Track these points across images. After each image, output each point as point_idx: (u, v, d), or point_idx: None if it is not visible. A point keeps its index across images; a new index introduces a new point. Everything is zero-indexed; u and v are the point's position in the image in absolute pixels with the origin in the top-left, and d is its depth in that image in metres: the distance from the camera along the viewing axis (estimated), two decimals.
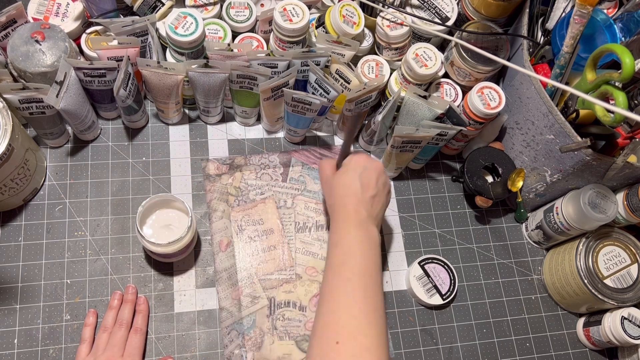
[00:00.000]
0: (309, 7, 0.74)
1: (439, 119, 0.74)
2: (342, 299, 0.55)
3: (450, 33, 0.78)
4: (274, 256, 0.74)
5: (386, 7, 0.74)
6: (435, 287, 0.75)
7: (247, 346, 0.68)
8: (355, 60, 0.78)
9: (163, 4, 0.75)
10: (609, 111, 0.61)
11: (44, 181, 0.74)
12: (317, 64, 0.73)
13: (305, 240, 0.76)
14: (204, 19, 0.74)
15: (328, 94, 0.71)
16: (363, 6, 0.77)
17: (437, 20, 0.77)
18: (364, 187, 0.62)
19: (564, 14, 0.74)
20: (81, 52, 0.75)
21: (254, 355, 0.68)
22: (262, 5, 0.79)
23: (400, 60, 0.79)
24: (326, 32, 0.75)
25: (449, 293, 0.75)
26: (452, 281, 0.76)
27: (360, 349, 0.51)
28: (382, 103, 0.79)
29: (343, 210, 0.61)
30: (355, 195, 0.61)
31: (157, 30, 0.74)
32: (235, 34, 0.77)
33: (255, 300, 0.71)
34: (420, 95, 0.73)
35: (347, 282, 0.55)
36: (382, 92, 0.81)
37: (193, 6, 0.75)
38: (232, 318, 0.70)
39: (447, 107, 0.73)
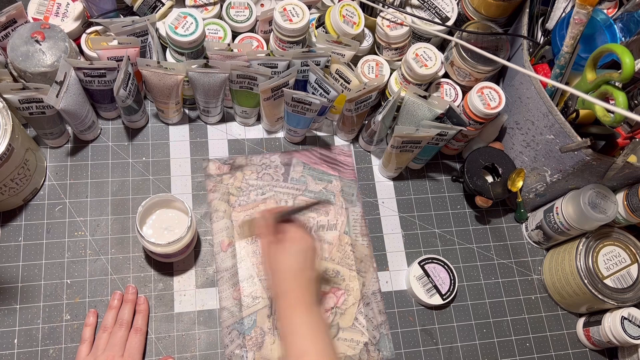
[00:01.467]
0: (309, 7, 0.74)
1: (439, 119, 0.74)
2: None
3: (450, 33, 0.78)
4: None
5: (386, 7, 0.74)
6: (435, 287, 0.75)
7: (248, 346, 0.68)
8: (355, 60, 0.78)
9: (163, 4, 0.75)
10: (609, 111, 0.61)
11: (44, 181, 0.74)
12: (317, 64, 0.73)
13: None
14: (204, 19, 0.74)
15: (328, 94, 0.71)
16: (363, 6, 0.77)
17: (437, 20, 0.77)
18: (302, 269, 0.59)
19: (564, 14, 0.74)
20: (81, 52, 0.75)
21: (254, 355, 0.68)
22: (262, 5, 0.79)
23: (400, 60, 0.79)
24: (326, 32, 0.75)
25: (449, 293, 0.75)
26: (452, 281, 0.76)
27: None
28: (382, 103, 0.79)
29: (288, 297, 0.58)
30: (294, 279, 0.59)
31: (157, 30, 0.74)
32: (235, 34, 0.77)
33: (256, 300, 0.71)
34: (420, 95, 0.73)
35: None
36: (382, 92, 0.81)
37: (193, 6, 0.75)
38: (233, 318, 0.70)
39: (447, 107, 0.73)
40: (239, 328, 0.69)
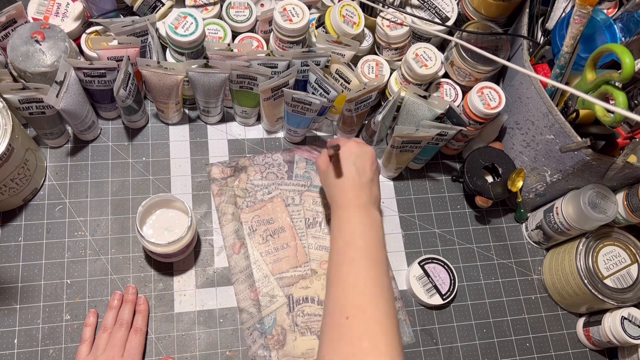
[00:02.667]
0: (309, 7, 0.74)
1: (439, 119, 0.74)
2: (349, 277, 0.56)
3: (450, 33, 0.78)
4: (287, 254, 0.74)
5: (386, 7, 0.74)
6: (435, 287, 0.75)
7: (271, 345, 0.69)
8: (355, 60, 0.78)
9: (163, 4, 0.75)
10: (609, 111, 0.61)
11: (44, 181, 0.74)
12: (317, 64, 0.73)
13: (316, 235, 0.76)
14: (204, 19, 0.74)
15: (328, 94, 0.71)
16: (363, 6, 0.77)
17: (437, 20, 0.77)
18: (360, 173, 0.64)
19: (564, 14, 0.74)
20: (81, 52, 0.75)
21: (277, 354, 0.68)
22: (262, 5, 0.79)
23: (400, 60, 0.79)
24: (326, 32, 0.75)
25: (449, 293, 0.75)
26: (452, 281, 0.76)
27: (370, 322, 0.52)
28: (382, 103, 0.79)
29: (342, 197, 0.63)
30: (352, 181, 0.63)
31: (157, 30, 0.74)
32: (235, 34, 0.77)
33: (273, 299, 0.71)
34: (420, 95, 0.73)
35: (352, 262, 0.57)
36: (382, 92, 0.81)
37: (193, 6, 0.75)
38: (252, 319, 0.70)
39: (447, 107, 0.73)
40: (259, 328, 0.70)
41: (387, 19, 0.75)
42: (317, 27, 0.77)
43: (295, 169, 0.80)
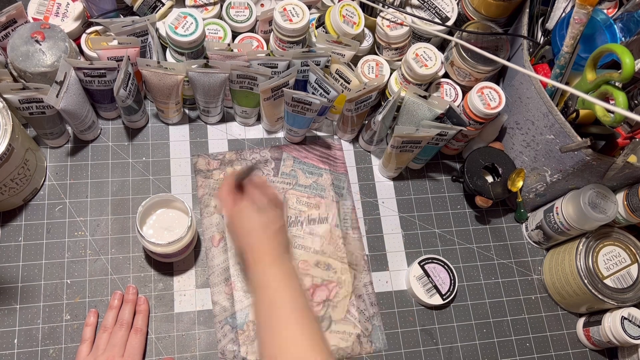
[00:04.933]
0: (309, 7, 0.74)
1: (439, 119, 0.74)
2: (282, 333, 0.53)
3: (450, 33, 0.78)
4: None
5: (386, 7, 0.74)
6: (435, 287, 0.75)
7: (241, 340, 0.68)
8: (355, 60, 0.78)
9: (163, 4, 0.75)
10: (609, 111, 0.61)
11: (44, 181, 0.74)
12: (317, 64, 0.73)
13: (297, 234, 0.76)
14: (204, 19, 0.74)
15: (328, 94, 0.71)
16: (363, 6, 0.77)
17: (437, 20, 0.77)
18: (265, 224, 0.59)
19: (564, 14, 0.74)
20: (81, 52, 0.75)
21: (247, 349, 0.68)
22: (262, 5, 0.79)
23: (400, 60, 0.79)
24: (326, 32, 0.75)
25: (449, 293, 0.75)
26: (452, 281, 0.76)
27: None
28: (382, 103, 0.79)
29: (254, 252, 0.58)
30: (258, 235, 0.58)
31: (157, 30, 0.74)
32: (235, 34, 0.77)
33: (248, 295, 0.71)
34: (420, 95, 0.73)
35: (283, 318, 0.54)
36: (382, 92, 0.81)
37: (193, 6, 0.75)
38: (225, 313, 0.70)
39: (447, 107, 0.73)
40: (231, 323, 0.70)
41: (387, 19, 0.75)
42: (317, 27, 0.77)
43: (282, 166, 0.79)
